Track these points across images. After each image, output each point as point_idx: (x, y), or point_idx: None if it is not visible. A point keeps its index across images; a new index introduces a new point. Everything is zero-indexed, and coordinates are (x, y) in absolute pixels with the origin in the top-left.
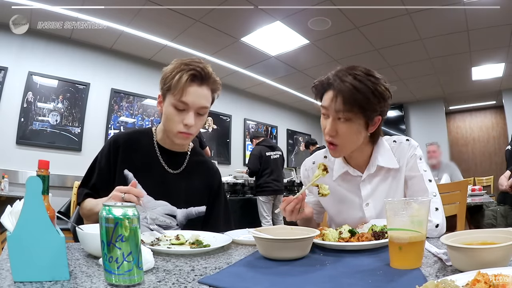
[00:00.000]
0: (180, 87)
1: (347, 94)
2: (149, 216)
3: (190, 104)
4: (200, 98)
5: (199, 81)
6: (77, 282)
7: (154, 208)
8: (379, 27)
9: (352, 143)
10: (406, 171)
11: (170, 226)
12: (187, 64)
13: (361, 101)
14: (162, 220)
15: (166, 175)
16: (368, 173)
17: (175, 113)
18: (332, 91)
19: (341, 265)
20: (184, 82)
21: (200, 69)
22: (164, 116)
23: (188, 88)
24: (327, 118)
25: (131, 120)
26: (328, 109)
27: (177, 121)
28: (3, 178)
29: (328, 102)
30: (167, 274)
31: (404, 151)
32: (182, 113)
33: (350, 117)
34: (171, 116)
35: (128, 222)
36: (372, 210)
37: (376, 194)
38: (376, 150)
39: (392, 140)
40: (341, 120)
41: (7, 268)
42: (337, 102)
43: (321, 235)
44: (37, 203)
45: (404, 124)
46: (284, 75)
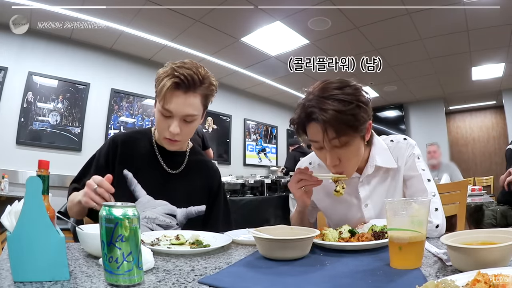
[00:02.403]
0: (162, 94)
1: (335, 122)
2: (149, 216)
3: (174, 112)
4: (184, 106)
5: (184, 89)
6: (77, 282)
7: (154, 208)
8: (379, 27)
9: (357, 161)
10: (405, 171)
11: (170, 225)
12: (175, 69)
13: (351, 121)
14: (162, 219)
15: (166, 175)
16: (366, 174)
17: (161, 119)
18: (317, 124)
19: (341, 265)
20: (166, 90)
21: (185, 76)
22: (155, 122)
23: (171, 96)
24: (321, 149)
25: (131, 120)
26: (320, 142)
27: (163, 127)
28: (3, 178)
29: (317, 136)
30: (167, 274)
31: (402, 150)
32: (168, 120)
33: (347, 140)
34: (158, 121)
35: (128, 222)
36: (371, 211)
37: (375, 195)
38: (374, 150)
39: (389, 139)
40: (338, 147)
41: (7, 268)
42: (328, 133)
43: (321, 235)
44: (37, 203)
45: (404, 124)
46: (284, 75)
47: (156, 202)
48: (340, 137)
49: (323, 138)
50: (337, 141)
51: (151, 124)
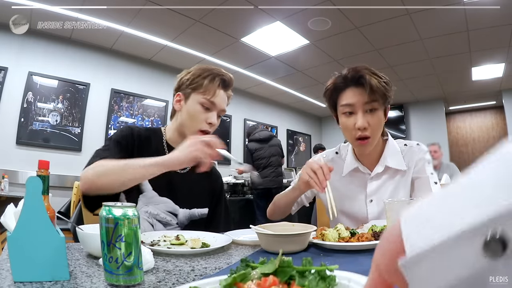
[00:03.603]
0: (213, 89)
1: (376, 87)
2: (151, 211)
3: (217, 105)
4: (223, 102)
5: (225, 87)
6: (77, 282)
7: (157, 204)
8: (379, 27)
9: (379, 132)
10: (414, 173)
11: (169, 223)
12: (216, 70)
13: (383, 90)
14: (163, 216)
15: (173, 175)
16: (376, 172)
17: (201, 111)
18: (356, 89)
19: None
20: (216, 85)
21: (229, 77)
22: (186, 114)
23: (218, 91)
24: (351, 115)
25: (131, 120)
26: (355, 105)
27: (201, 119)
28: (3, 178)
29: (353, 98)
30: (167, 274)
31: (413, 154)
32: (207, 112)
33: (376, 107)
34: (197, 114)
35: (128, 222)
36: (375, 207)
37: (381, 192)
38: (386, 151)
39: (403, 143)
40: (368, 112)
41: (7, 268)
42: (367, 95)
43: (321, 235)
44: (37, 203)
45: (404, 125)
46: (284, 75)
47: (160, 199)
48: (373, 102)
49: (357, 99)
50: (369, 105)
51: (151, 124)
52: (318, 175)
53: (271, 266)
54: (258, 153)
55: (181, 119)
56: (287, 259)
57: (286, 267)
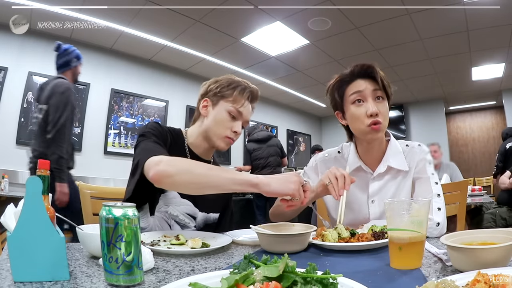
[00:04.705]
0: (242, 100)
1: (383, 78)
2: (171, 212)
3: (243, 115)
4: (249, 113)
5: (253, 100)
6: (77, 282)
7: (178, 206)
8: (379, 27)
9: (387, 121)
10: (415, 173)
11: (188, 226)
12: (244, 82)
13: (387, 83)
14: (182, 218)
15: None
16: (378, 172)
17: (228, 119)
18: (363, 79)
19: (341, 265)
20: (246, 97)
21: (256, 91)
22: (213, 120)
23: (246, 102)
24: (362, 103)
25: (131, 120)
26: (364, 91)
27: (227, 126)
28: (3, 178)
29: (363, 85)
30: (167, 274)
31: (415, 155)
32: (233, 120)
33: (384, 96)
34: (223, 121)
35: (128, 222)
36: (376, 207)
37: (383, 192)
38: (389, 151)
39: (405, 144)
40: (377, 100)
41: (7, 268)
42: (375, 82)
43: (321, 236)
44: (37, 203)
45: (404, 125)
46: (284, 75)
47: (181, 201)
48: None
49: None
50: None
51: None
52: (339, 182)
53: (275, 270)
54: (256, 153)
55: (207, 124)
56: (292, 264)
57: (289, 273)
